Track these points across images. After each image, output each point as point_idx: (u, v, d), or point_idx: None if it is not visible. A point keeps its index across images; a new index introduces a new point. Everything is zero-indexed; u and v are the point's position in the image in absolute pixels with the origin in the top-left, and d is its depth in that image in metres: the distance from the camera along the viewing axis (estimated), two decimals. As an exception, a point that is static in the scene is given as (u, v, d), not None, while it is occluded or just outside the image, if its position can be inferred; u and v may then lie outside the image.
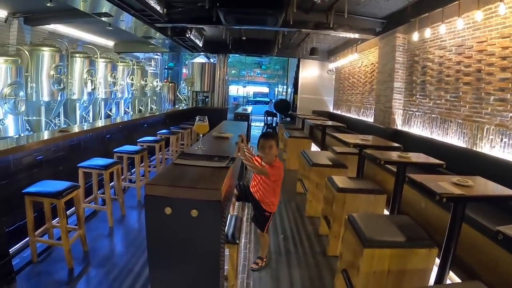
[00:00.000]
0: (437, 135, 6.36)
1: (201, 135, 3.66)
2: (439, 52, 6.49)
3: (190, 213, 2.17)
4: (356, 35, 8.74)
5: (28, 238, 3.96)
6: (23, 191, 3.82)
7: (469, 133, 5.52)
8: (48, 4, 7.22)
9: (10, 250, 3.84)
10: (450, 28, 6.01)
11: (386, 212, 4.59)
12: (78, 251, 4.19)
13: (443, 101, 6.30)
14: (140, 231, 5.06)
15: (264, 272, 4.08)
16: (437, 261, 3.06)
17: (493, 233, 3.32)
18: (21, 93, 7.23)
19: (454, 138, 5.89)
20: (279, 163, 3.90)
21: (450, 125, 6.02)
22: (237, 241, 2.93)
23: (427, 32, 6.28)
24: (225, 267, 2.90)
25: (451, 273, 3.43)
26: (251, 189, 4.07)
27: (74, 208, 4.29)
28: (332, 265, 4.21)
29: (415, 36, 6.60)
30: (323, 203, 5.03)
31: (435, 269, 3.09)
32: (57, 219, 4.15)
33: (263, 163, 3.86)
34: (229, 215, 3.15)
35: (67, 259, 3.87)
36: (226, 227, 2.86)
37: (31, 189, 3.87)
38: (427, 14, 6.01)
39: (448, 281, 3.14)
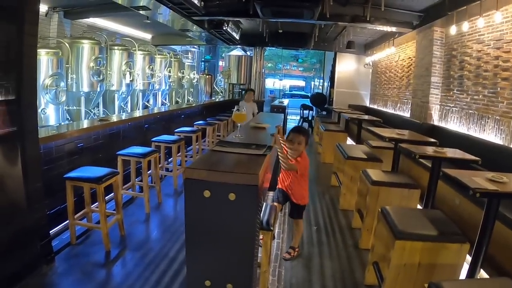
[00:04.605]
0: (474, 131, 6.22)
1: (239, 125, 3.70)
2: (477, 46, 6.33)
3: (228, 196, 2.21)
4: (393, 29, 8.61)
5: (67, 221, 4.10)
6: (64, 176, 3.96)
7: (507, 130, 5.39)
8: (88, -2, 7.40)
9: (50, 232, 3.97)
10: (488, 21, 5.86)
11: (419, 207, 4.53)
12: (115, 235, 4.32)
13: (480, 96, 6.15)
14: (176, 218, 5.17)
15: (296, 261, 4.10)
16: (468, 258, 3.01)
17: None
18: (62, 84, 7.43)
19: (491, 135, 5.75)
20: (305, 156, 3.97)
21: (487, 121, 5.89)
22: (271, 228, 2.96)
23: (465, 26, 6.14)
24: (259, 254, 2.93)
25: (482, 271, 3.37)
26: (282, 184, 4.15)
27: (112, 194, 4.40)
28: (364, 258, 4.19)
29: (453, 30, 6.45)
30: (357, 196, 5.00)
31: (465, 266, 3.04)
32: (96, 203, 4.28)
33: (289, 154, 3.89)
34: (264, 203, 3.18)
35: (104, 242, 3.99)
36: (262, 214, 2.89)
37: (72, 174, 4.00)
38: (465, 7, 5.87)
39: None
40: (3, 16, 3.09)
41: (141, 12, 7.83)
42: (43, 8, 8.88)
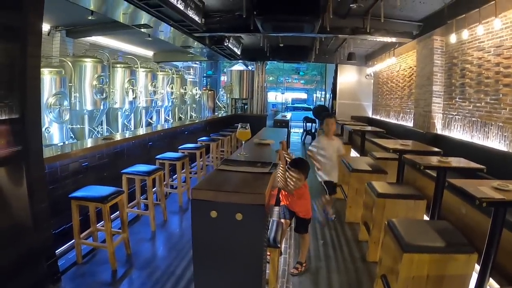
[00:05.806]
0: (478, 139, 6.22)
1: (243, 142, 3.70)
2: (478, 53, 6.36)
3: (235, 216, 2.21)
4: (393, 39, 8.67)
5: (73, 241, 4.10)
6: (69, 196, 3.96)
7: (510, 136, 5.38)
8: (89, 17, 7.43)
9: (56, 251, 3.97)
10: (488, 28, 5.89)
11: (426, 218, 4.51)
12: (122, 254, 4.30)
13: (483, 104, 6.16)
14: (181, 235, 5.14)
15: (304, 276, 4.08)
16: (477, 267, 2.99)
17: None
18: (65, 103, 7.45)
19: (495, 142, 5.75)
20: (304, 186, 4.03)
21: (491, 129, 5.88)
22: (278, 245, 2.95)
23: (465, 34, 6.17)
24: (266, 271, 2.91)
25: (491, 280, 3.34)
26: (285, 201, 4.15)
27: (118, 212, 4.40)
28: (372, 271, 4.17)
29: (453, 38, 6.47)
30: (363, 209, 4.99)
31: (474, 276, 3.02)
32: (101, 222, 4.27)
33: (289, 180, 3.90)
34: (271, 220, 3.17)
35: (111, 261, 3.97)
36: (268, 231, 2.88)
37: (77, 193, 4.00)
38: (464, 15, 5.89)
39: (488, 288, 3.07)
40: (6, 38, 3.11)
41: (142, 30, 7.88)
42: (45, 27, 8.94)
